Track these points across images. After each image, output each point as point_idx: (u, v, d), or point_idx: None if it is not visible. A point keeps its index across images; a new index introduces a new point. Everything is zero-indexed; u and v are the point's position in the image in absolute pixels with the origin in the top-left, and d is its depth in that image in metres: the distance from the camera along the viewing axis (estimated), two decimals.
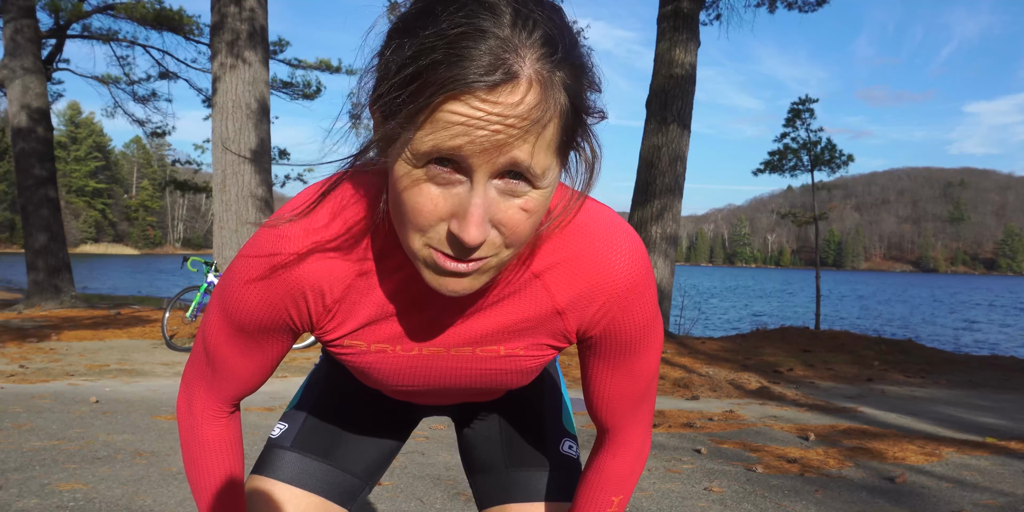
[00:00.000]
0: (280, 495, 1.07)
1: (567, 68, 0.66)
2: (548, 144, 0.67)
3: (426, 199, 0.67)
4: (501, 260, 0.73)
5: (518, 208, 0.68)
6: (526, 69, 0.63)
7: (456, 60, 0.61)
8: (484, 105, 0.62)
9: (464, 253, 0.69)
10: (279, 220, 0.84)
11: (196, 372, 0.97)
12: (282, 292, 0.84)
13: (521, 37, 0.63)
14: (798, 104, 15.43)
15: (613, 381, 0.93)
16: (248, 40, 8.32)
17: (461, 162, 0.65)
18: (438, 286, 0.73)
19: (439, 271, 0.72)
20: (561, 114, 0.66)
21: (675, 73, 9.19)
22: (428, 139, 0.64)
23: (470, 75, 0.61)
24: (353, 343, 0.89)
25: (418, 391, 0.98)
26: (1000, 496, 3.16)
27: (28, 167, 11.11)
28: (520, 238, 0.71)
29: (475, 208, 0.66)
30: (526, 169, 0.66)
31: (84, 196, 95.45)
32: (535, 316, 0.86)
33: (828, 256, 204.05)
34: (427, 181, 0.67)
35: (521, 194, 0.68)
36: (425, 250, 0.71)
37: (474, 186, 0.66)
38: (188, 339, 7.81)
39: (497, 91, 0.62)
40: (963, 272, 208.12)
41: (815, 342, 9.42)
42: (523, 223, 0.69)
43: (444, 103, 0.62)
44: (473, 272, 0.72)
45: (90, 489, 2.77)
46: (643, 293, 0.86)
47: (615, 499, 1.01)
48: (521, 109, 0.63)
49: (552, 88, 0.65)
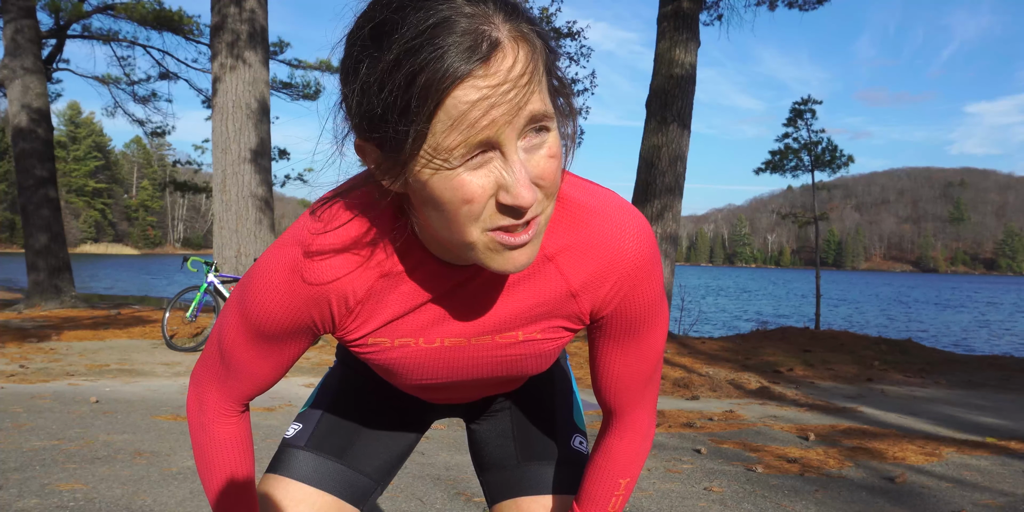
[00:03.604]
0: (295, 494, 1.09)
1: (527, 19, 0.70)
2: (544, 86, 0.70)
3: (473, 187, 0.69)
4: (547, 216, 0.76)
5: (546, 157, 0.71)
6: (502, 33, 0.66)
7: (441, 52, 0.63)
8: (486, 80, 0.64)
9: (520, 217, 0.71)
10: (298, 228, 0.86)
11: (209, 371, 0.98)
12: (306, 298, 0.85)
13: (479, 7, 0.66)
14: (799, 104, 15.44)
15: (622, 361, 0.95)
16: (248, 41, 8.32)
17: (490, 142, 0.67)
18: (503, 265, 0.75)
19: (501, 250, 0.73)
20: (542, 57, 0.70)
21: (675, 73, 9.19)
22: (453, 135, 0.66)
23: (460, 60, 0.63)
24: (377, 341, 0.91)
25: (441, 385, 1.00)
26: (1000, 496, 3.16)
27: (28, 167, 11.11)
28: (555, 184, 0.74)
29: (519, 174, 0.68)
30: (542, 115, 0.69)
31: (84, 196, 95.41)
32: (550, 299, 0.88)
33: (828, 256, 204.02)
34: (463, 171, 0.68)
35: (542, 143, 0.71)
36: (484, 236, 0.72)
37: (507, 156, 0.68)
38: (188, 339, 7.81)
39: (490, 63, 0.64)
40: (963, 272, 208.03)
41: (815, 342, 9.42)
42: (554, 170, 0.72)
43: (449, 96, 0.64)
44: (533, 238, 0.74)
45: (90, 489, 2.77)
46: (651, 271, 0.89)
47: (622, 481, 1.03)
48: (518, 68, 0.66)
49: (529, 39, 0.68)
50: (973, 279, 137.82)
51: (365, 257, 0.84)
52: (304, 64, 16.80)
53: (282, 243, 0.86)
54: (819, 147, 15.39)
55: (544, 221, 0.75)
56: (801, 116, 15.42)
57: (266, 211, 8.52)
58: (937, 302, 38.66)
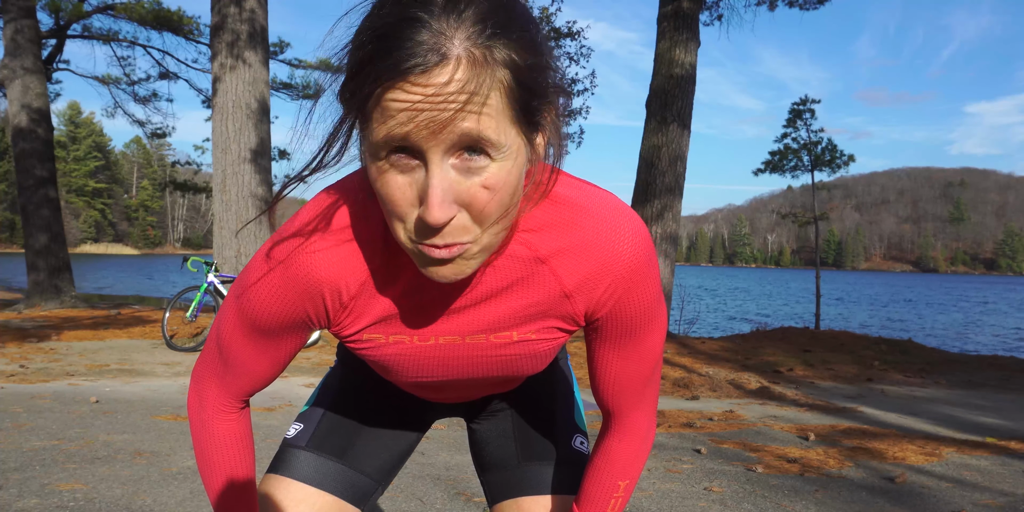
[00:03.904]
0: (295, 494, 1.09)
1: (505, 44, 0.66)
2: (495, 116, 0.67)
3: (394, 188, 0.70)
4: (484, 245, 0.74)
5: (479, 186, 0.69)
6: (455, 49, 0.64)
7: (388, 50, 0.64)
8: (418, 88, 0.64)
9: (433, 235, 0.70)
10: (294, 223, 0.87)
11: (208, 368, 0.99)
12: (300, 292, 0.86)
13: (451, 20, 0.65)
14: (799, 104, 15.44)
15: (619, 364, 0.95)
16: (248, 40, 8.32)
17: (412, 147, 0.67)
18: (430, 275, 0.75)
19: (426, 261, 0.74)
20: (504, 87, 0.67)
21: (675, 73, 9.19)
22: (379, 130, 0.67)
23: (402, 62, 0.64)
24: (371, 337, 0.91)
25: (437, 383, 1.00)
26: (1000, 496, 3.16)
27: (28, 167, 11.11)
28: (489, 217, 0.71)
29: (433, 188, 0.67)
30: (476, 138, 0.66)
31: (84, 196, 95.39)
32: (544, 300, 0.88)
33: (828, 256, 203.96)
34: (391, 170, 0.69)
35: (479, 170, 0.68)
36: (411, 244, 0.73)
37: (429, 167, 0.67)
38: (188, 339, 7.81)
39: (429, 74, 0.64)
40: (963, 272, 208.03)
41: (815, 342, 9.42)
42: (489, 201, 0.70)
43: (384, 92, 0.65)
44: (456, 258, 0.73)
45: (90, 489, 2.77)
46: (647, 274, 0.88)
47: (621, 483, 1.03)
48: (453, 86, 0.64)
49: (487, 65, 0.65)
50: (973, 279, 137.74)
51: (358, 252, 0.84)
52: (304, 64, 16.80)
53: (276, 238, 0.87)
54: (819, 147, 15.39)
55: (479, 251, 0.73)
56: (800, 116, 15.42)
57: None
58: (930, 303, 38.59)
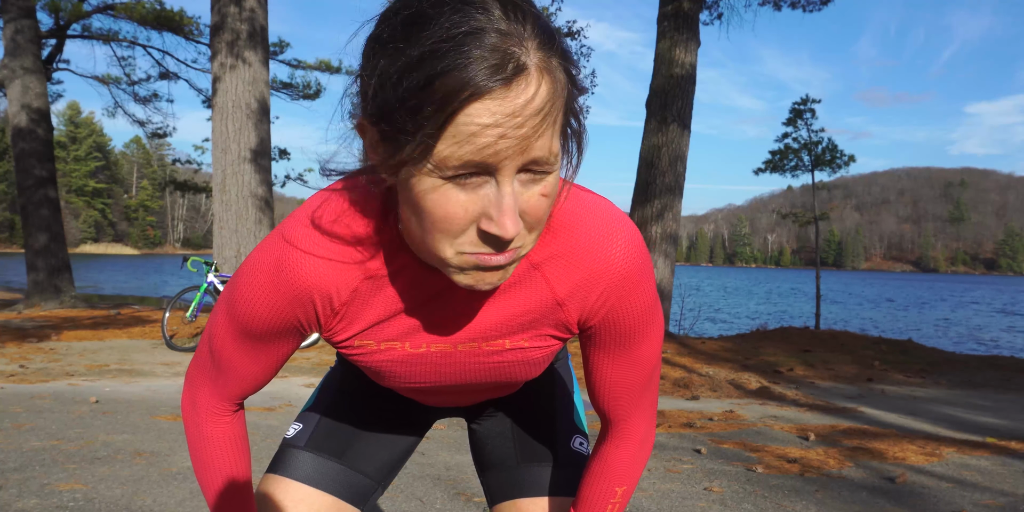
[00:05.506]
0: (294, 494, 1.08)
1: (560, 52, 0.68)
2: (558, 130, 0.69)
3: (455, 205, 0.68)
4: (528, 249, 0.75)
5: (539, 195, 0.70)
6: (532, 59, 0.64)
7: (466, 63, 0.61)
8: (502, 105, 0.63)
9: (502, 248, 0.71)
10: (286, 226, 0.86)
11: (201, 371, 0.98)
12: (290, 297, 0.84)
13: (518, 29, 0.64)
14: (799, 104, 15.42)
15: (615, 371, 0.94)
16: (248, 40, 8.32)
17: (488, 166, 0.66)
18: (470, 283, 0.74)
19: (481, 269, 0.73)
20: (564, 98, 0.68)
21: (675, 73, 9.19)
22: (454, 151, 0.64)
23: (482, 76, 0.61)
24: (363, 343, 0.90)
25: (431, 388, 0.99)
26: (1000, 496, 3.15)
27: (28, 167, 11.11)
28: (540, 221, 0.73)
29: (508, 206, 0.67)
30: (545, 160, 0.68)
31: (84, 196, 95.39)
32: (536, 308, 0.87)
33: (828, 256, 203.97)
34: (451, 186, 0.67)
35: (539, 181, 0.70)
36: (459, 258, 0.72)
37: (502, 185, 0.67)
38: (188, 339, 7.81)
39: (511, 87, 0.63)
40: (963, 272, 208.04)
41: (815, 342, 9.42)
42: (543, 208, 0.72)
43: (463, 109, 0.62)
44: (508, 264, 0.73)
45: (90, 489, 2.77)
46: (640, 281, 0.87)
47: (619, 489, 1.02)
48: (536, 103, 0.64)
49: (555, 74, 0.66)
50: (973, 279, 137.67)
51: (350, 258, 0.83)
52: (304, 64, 16.80)
53: (267, 242, 0.86)
54: (819, 147, 15.39)
55: (523, 255, 0.75)
56: (801, 116, 15.41)
57: (266, 211, 8.53)
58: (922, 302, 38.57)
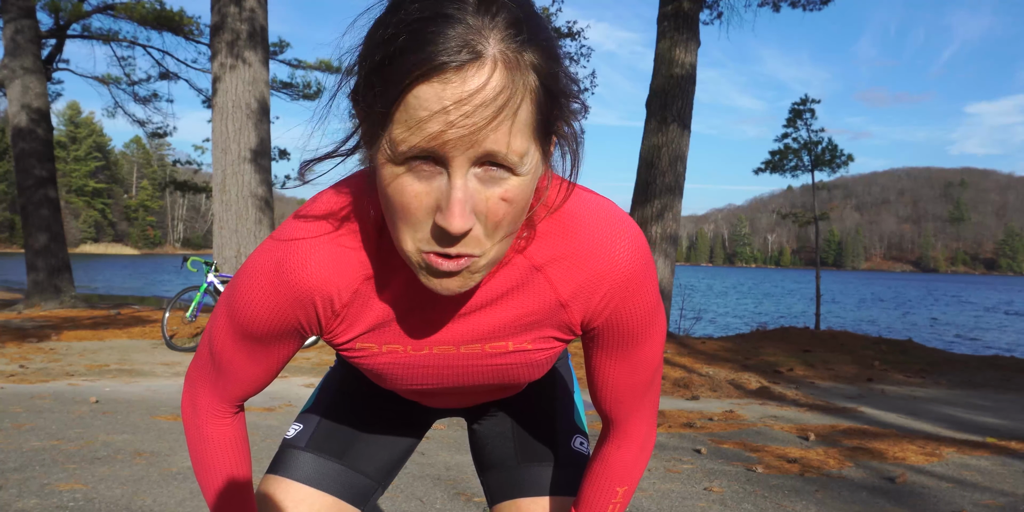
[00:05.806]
0: (295, 494, 1.08)
1: (534, 50, 0.66)
2: (523, 128, 0.66)
3: (410, 195, 0.68)
4: (491, 259, 0.73)
5: (498, 198, 0.68)
6: (491, 49, 0.63)
7: (421, 43, 0.62)
8: (450, 90, 0.62)
9: (451, 243, 0.70)
10: (286, 227, 0.85)
11: (201, 373, 0.98)
12: (291, 300, 0.84)
13: (485, 20, 0.64)
14: (798, 104, 15.42)
15: (617, 372, 0.94)
16: (248, 40, 8.32)
17: (438, 154, 0.65)
18: (434, 287, 0.74)
19: (432, 273, 0.73)
20: (533, 95, 0.66)
21: (675, 73, 9.19)
22: (407, 136, 0.65)
23: (436, 56, 0.62)
24: (364, 345, 0.90)
25: (433, 390, 0.99)
26: (1000, 496, 3.16)
27: (28, 167, 11.11)
28: (502, 230, 0.71)
29: (456, 198, 0.66)
30: (503, 157, 0.66)
31: (84, 196, 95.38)
32: (539, 310, 0.87)
33: (828, 256, 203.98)
34: (408, 175, 0.68)
35: (501, 182, 0.68)
36: (417, 255, 0.72)
37: (453, 176, 0.66)
38: (188, 339, 7.81)
39: (463, 71, 0.62)
40: (963, 272, 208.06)
41: (815, 342, 9.42)
42: (505, 214, 0.70)
43: (413, 88, 0.63)
44: (463, 270, 0.72)
45: (90, 489, 2.77)
46: (644, 283, 0.87)
47: (619, 490, 1.02)
48: (488, 91, 0.63)
49: (520, 69, 0.65)
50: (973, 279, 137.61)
51: (351, 259, 0.83)
52: (304, 64, 16.79)
53: (268, 244, 0.86)
54: (819, 147, 15.39)
55: (485, 264, 0.73)
56: (801, 116, 15.41)
57: (266, 211, 8.53)
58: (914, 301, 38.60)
